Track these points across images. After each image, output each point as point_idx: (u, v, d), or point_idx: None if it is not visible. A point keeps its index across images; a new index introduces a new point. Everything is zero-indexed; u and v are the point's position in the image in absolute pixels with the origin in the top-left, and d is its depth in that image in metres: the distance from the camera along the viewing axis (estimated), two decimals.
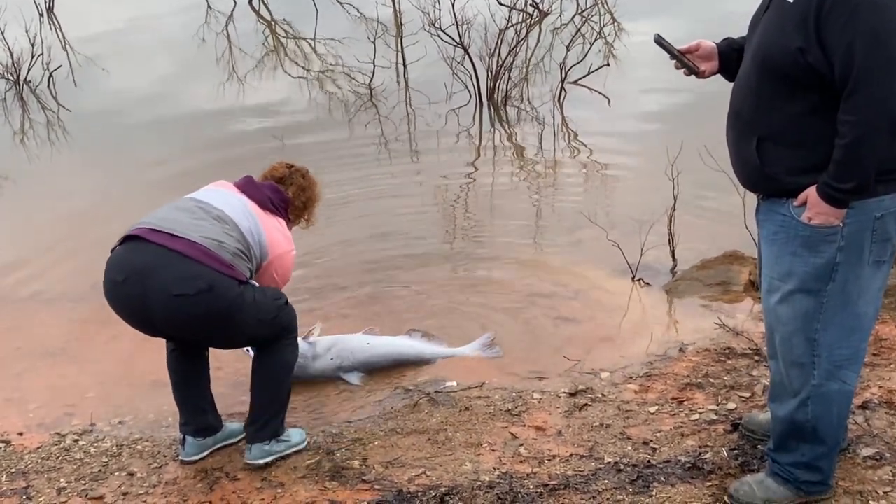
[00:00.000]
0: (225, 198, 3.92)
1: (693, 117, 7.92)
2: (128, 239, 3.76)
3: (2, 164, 8.84)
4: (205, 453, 4.04)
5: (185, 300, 3.57)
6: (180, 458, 4.03)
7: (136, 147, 8.78)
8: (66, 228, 6.97)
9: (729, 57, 3.27)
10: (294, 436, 4.05)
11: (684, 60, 3.32)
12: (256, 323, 3.78)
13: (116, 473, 3.98)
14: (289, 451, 3.99)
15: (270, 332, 3.88)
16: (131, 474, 3.96)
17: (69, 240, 6.76)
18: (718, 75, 3.35)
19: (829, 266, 2.99)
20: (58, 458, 4.12)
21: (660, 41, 3.31)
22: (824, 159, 2.86)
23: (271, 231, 3.93)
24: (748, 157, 3.04)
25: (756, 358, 4.52)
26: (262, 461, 3.92)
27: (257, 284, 3.83)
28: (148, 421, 4.47)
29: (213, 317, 3.65)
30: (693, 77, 3.37)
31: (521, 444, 3.97)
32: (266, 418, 3.95)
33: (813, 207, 2.94)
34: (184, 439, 4.03)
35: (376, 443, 4.06)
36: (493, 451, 3.94)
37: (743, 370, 4.47)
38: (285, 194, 4.12)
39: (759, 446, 3.71)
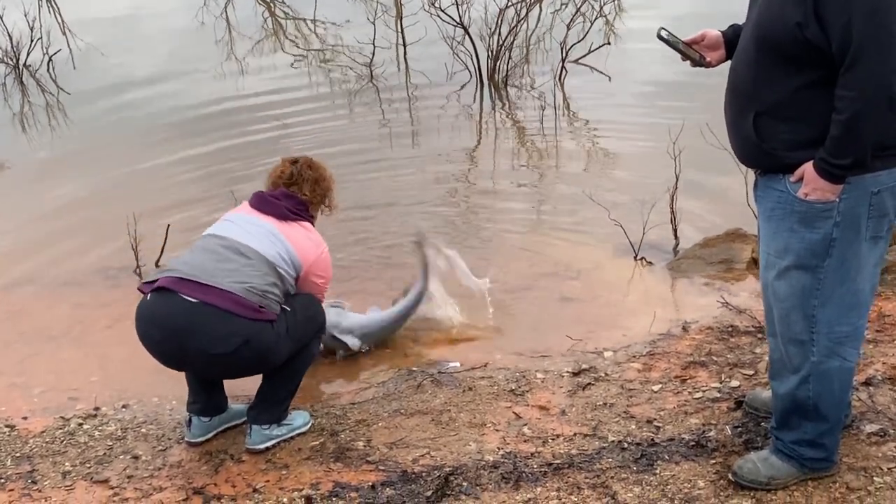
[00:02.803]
0: (245, 228, 3.88)
1: (695, 96, 7.88)
2: (158, 289, 3.71)
3: (1, 149, 8.83)
4: (210, 434, 4.04)
5: (223, 357, 3.64)
6: (186, 439, 4.04)
7: (135, 131, 8.76)
8: (66, 212, 6.96)
9: (735, 44, 3.24)
10: (297, 418, 4.06)
11: (688, 53, 3.30)
12: (293, 346, 3.84)
13: (121, 457, 3.98)
14: (291, 435, 4.00)
15: (306, 343, 3.93)
16: (136, 457, 3.97)
17: (70, 224, 6.75)
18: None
19: (825, 242, 2.99)
20: (62, 441, 4.13)
21: (662, 38, 3.28)
22: (821, 134, 2.86)
23: (298, 242, 3.91)
24: (746, 131, 3.03)
25: (759, 336, 4.52)
26: (262, 446, 3.92)
27: (289, 309, 3.81)
28: (152, 404, 4.47)
29: (253, 362, 3.76)
30: (702, 67, 3.35)
31: (525, 424, 3.98)
32: (270, 404, 3.95)
33: (809, 183, 2.93)
34: (189, 420, 4.03)
35: (380, 424, 4.06)
36: (497, 430, 3.95)
37: (746, 348, 4.47)
38: (300, 197, 4.06)
39: (762, 424, 3.71)
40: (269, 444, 3.93)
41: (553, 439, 3.84)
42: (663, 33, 3.29)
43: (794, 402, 3.25)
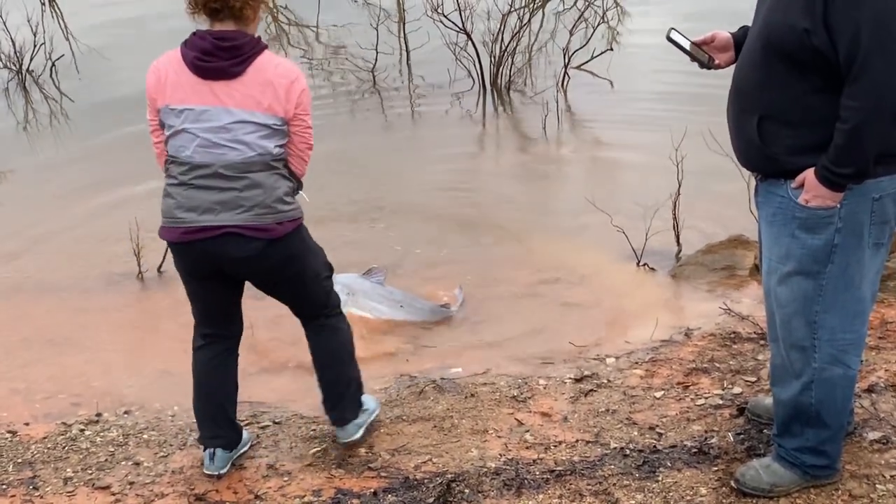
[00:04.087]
0: (210, 138, 3.44)
1: (697, 102, 7.88)
2: (176, 242, 3.57)
3: (5, 153, 8.83)
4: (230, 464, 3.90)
5: (264, 260, 3.52)
6: (209, 472, 3.82)
7: (138, 135, 8.74)
8: (70, 217, 6.97)
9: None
10: (369, 402, 4.06)
11: (697, 55, 3.30)
12: (317, 270, 3.74)
13: (123, 463, 3.98)
14: (372, 418, 4.02)
15: (323, 292, 3.80)
16: (137, 463, 3.97)
17: (73, 229, 6.76)
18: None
19: (826, 248, 2.99)
20: (64, 447, 4.13)
21: (672, 39, 3.28)
22: (824, 140, 2.86)
23: (264, 95, 3.43)
24: (749, 135, 3.04)
25: (761, 342, 4.51)
26: (357, 435, 3.91)
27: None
28: (154, 410, 4.46)
29: (289, 262, 3.61)
30: (707, 70, 3.35)
31: (527, 431, 3.97)
32: (347, 399, 3.92)
33: (810, 190, 2.93)
34: (213, 454, 3.80)
35: (382, 430, 4.06)
36: (499, 437, 3.94)
37: (748, 354, 4.47)
38: (238, 35, 3.44)
39: (765, 430, 3.71)
40: (361, 432, 3.93)
41: (555, 446, 3.84)
42: (673, 34, 3.29)
43: (797, 409, 3.25)
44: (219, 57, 3.41)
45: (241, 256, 3.49)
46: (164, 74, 3.47)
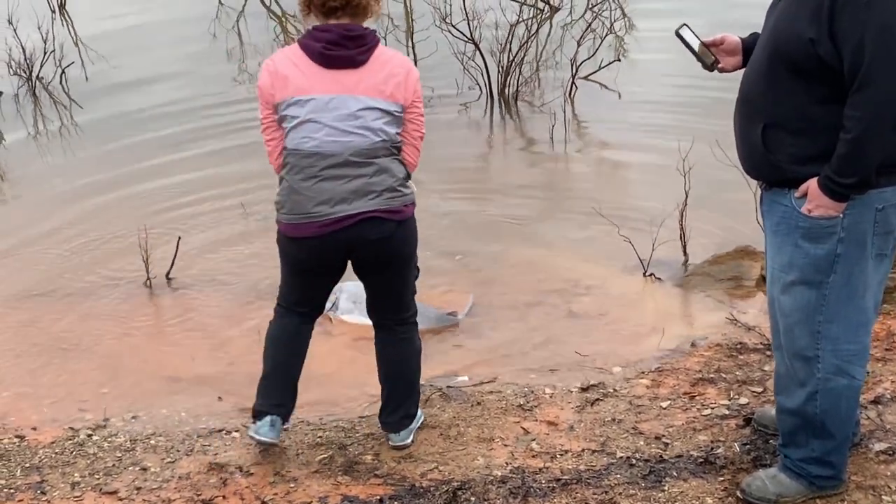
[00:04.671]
0: (336, 126, 3.54)
1: (704, 112, 7.90)
2: (310, 237, 3.63)
3: (14, 159, 8.87)
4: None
5: (393, 241, 3.65)
6: (266, 437, 3.85)
7: (147, 142, 8.79)
8: (77, 224, 6.99)
9: (752, 52, 3.26)
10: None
11: (704, 55, 3.31)
12: (415, 262, 3.85)
13: (130, 468, 3.99)
14: (419, 424, 4.07)
15: (413, 289, 3.91)
16: (145, 469, 3.98)
17: (83, 235, 6.77)
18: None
19: (829, 258, 3.00)
20: (72, 452, 4.14)
21: (680, 35, 3.29)
22: (827, 149, 2.87)
23: (386, 83, 3.56)
24: (754, 142, 3.05)
25: (768, 353, 4.52)
26: (409, 440, 3.97)
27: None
28: (161, 416, 4.48)
29: (407, 244, 3.75)
30: (707, 72, 3.36)
31: (534, 439, 3.98)
32: (408, 407, 3.98)
33: (813, 200, 2.95)
34: (273, 420, 3.87)
35: None
36: (506, 445, 3.95)
37: (755, 365, 4.47)
38: (359, 28, 3.57)
39: (771, 441, 3.71)
40: (412, 436, 3.99)
41: (561, 455, 3.84)
42: (684, 31, 3.30)
43: (802, 419, 3.25)
44: (345, 46, 3.52)
45: (376, 238, 3.61)
46: (282, 69, 3.56)
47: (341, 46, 3.51)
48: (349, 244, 3.62)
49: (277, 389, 3.92)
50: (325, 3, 3.53)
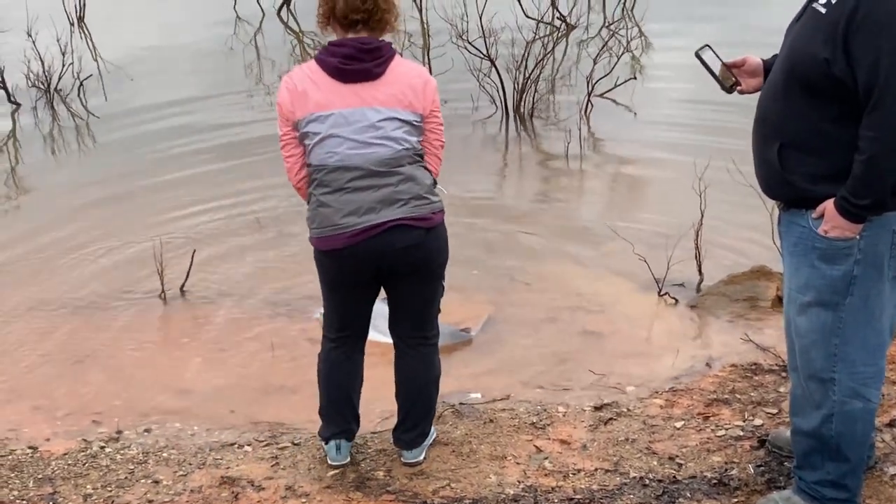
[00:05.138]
0: (358, 138, 3.55)
1: (721, 131, 7.89)
2: (340, 249, 3.63)
3: (31, 170, 8.93)
4: None
5: (423, 249, 3.67)
6: (336, 462, 3.97)
7: (163, 155, 8.84)
8: (93, 236, 7.02)
9: None
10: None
11: (723, 77, 3.31)
12: (444, 273, 3.85)
13: (142, 481, 3.99)
14: (431, 441, 4.07)
15: (438, 304, 3.92)
16: (157, 482, 3.98)
17: (99, 248, 6.80)
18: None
19: (846, 279, 2.99)
20: (84, 464, 4.15)
21: (700, 57, 3.29)
22: (842, 169, 2.87)
23: (405, 94, 3.58)
24: (770, 161, 3.06)
25: (783, 374, 4.50)
26: (422, 456, 3.98)
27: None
28: (174, 429, 4.49)
29: (438, 253, 3.77)
30: (725, 93, 3.36)
31: (546, 458, 3.96)
32: (424, 426, 3.98)
33: (829, 221, 2.94)
34: (339, 445, 3.98)
35: None
36: (518, 464, 3.94)
37: (770, 386, 4.45)
38: (375, 40, 3.58)
39: (785, 463, 3.69)
40: (424, 453, 3.99)
41: (574, 474, 3.83)
42: (705, 52, 3.30)
43: (817, 441, 3.23)
44: (361, 59, 3.53)
45: (404, 246, 3.60)
46: (301, 86, 3.57)
47: (357, 60, 3.53)
48: (379, 253, 3.61)
49: (339, 416, 3.98)
50: (347, 15, 3.54)
